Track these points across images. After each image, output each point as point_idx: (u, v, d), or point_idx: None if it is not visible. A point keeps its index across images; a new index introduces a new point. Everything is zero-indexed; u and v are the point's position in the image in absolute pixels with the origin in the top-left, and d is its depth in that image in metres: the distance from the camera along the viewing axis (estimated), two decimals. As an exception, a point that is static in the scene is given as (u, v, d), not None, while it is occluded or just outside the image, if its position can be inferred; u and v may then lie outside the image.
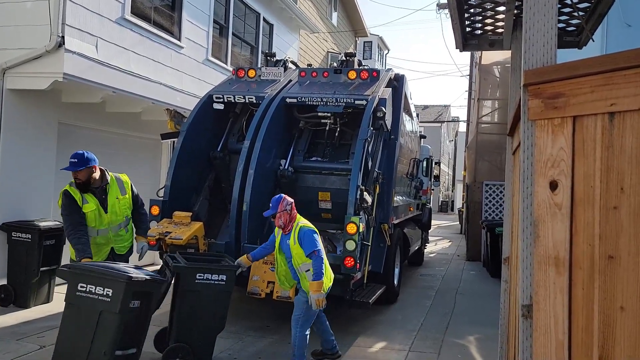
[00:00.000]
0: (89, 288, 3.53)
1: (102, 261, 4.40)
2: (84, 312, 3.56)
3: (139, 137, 8.73)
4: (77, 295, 3.56)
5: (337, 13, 18.84)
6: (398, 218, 7.53)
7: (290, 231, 4.50)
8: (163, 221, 5.75)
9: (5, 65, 6.12)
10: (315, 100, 6.35)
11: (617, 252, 1.60)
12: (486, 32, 3.90)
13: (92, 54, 6.53)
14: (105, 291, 3.50)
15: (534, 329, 1.81)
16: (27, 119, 6.52)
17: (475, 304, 7.66)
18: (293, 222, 4.53)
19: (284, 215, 4.49)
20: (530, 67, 1.85)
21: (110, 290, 3.50)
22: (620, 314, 1.58)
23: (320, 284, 4.31)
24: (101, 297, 3.51)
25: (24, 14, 6.20)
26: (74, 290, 3.58)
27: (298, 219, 4.60)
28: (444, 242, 17.06)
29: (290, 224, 4.51)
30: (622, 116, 1.56)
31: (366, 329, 6.04)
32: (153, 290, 3.96)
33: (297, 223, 4.52)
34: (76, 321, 3.59)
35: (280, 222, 4.51)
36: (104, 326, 3.51)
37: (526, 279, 1.86)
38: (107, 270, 3.71)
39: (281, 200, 4.53)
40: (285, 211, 4.50)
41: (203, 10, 9.19)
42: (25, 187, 6.53)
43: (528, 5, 1.85)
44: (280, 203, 4.51)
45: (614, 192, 1.60)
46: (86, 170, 4.43)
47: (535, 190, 1.81)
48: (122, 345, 3.62)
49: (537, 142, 1.81)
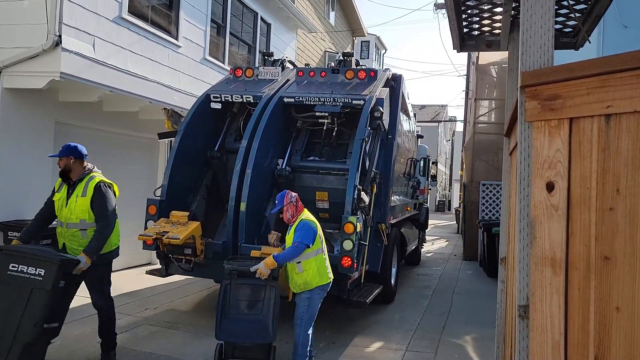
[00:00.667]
0: (21, 268, 3.91)
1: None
2: (14, 289, 3.90)
3: (136, 136, 8.72)
4: (8, 274, 3.91)
5: (334, 13, 18.85)
6: (395, 218, 7.55)
7: (294, 223, 4.52)
8: (160, 221, 5.74)
9: (1, 64, 6.10)
10: (312, 100, 6.35)
11: (613, 253, 1.61)
12: (483, 33, 3.91)
13: (89, 53, 6.51)
14: (37, 271, 3.88)
15: (530, 329, 1.82)
16: (24, 118, 6.51)
17: (472, 304, 7.69)
18: (298, 215, 4.55)
19: (290, 207, 4.53)
20: (527, 68, 1.85)
21: (42, 270, 3.87)
22: (615, 314, 1.60)
23: (273, 264, 4.29)
24: (33, 276, 3.88)
25: (21, 13, 6.19)
26: (6, 270, 3.92)
27: (304, 212, 4.61)
28: (441, 241, 17.11)
29: (296, 216, 4.54)
30: (618, 118, 1.57)
31: (363, 329, 6.06)
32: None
33: (301, 216, 4.54)
34: (7, 297, 3.91)
35: (288, 216, 4.54)
36: (34, 302, 3.85)
37: (523, 279, 1.87)
38: (39, 252, 4.06)
39: (286, 194, 4.57)
40: (292, 203, 4.54)
41: (200, 10, 9.18)
42: (22, 186, 6.52)
43: (525, 7, 1.85)
44: (285, 197, 4.55)
45: (610, 193, 1.61)
46: (64, 159, 4.46)
47: (532, 191, 1.82)
48: (48, 320, 3.94)
49: (534, 143, 1.82)
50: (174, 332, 5.56)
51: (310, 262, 4.40)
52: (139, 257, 8.82)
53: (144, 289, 7.35)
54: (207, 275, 6.44)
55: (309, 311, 4.42)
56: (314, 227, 4.46)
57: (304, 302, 4.43)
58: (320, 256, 4.48)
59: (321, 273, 4.45)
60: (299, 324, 4.41)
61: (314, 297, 4.44)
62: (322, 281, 4.45)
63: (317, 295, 4.46)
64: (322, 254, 4.52)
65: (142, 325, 5.72)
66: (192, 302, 6.98)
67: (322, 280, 4.45)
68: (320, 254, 4.50)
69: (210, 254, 5.69)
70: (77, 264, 4.12)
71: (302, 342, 4.40)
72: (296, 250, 4.32)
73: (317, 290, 4.44)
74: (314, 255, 4.42)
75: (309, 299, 4.42)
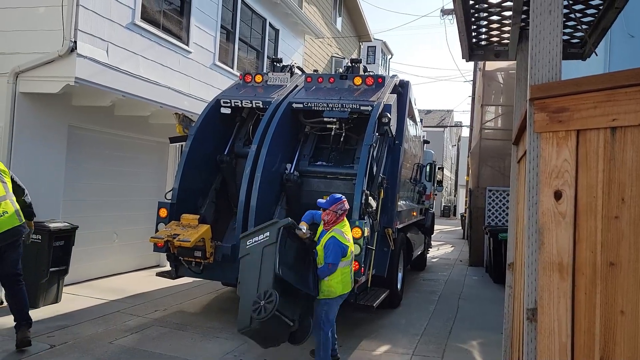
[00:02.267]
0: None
1: None
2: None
3: (146, 139, 8.85)
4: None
5: (341, 18, 18.98)
6: (402, 223, 7.61)
7: (327, 231, 4.69)
8: (171, 223, 5.84)
9: (18, 70, 6.22)
10: (321, 106, 6.44)
11: (618, 259, 1.69)
12: (492, 43, 3.99)
13: (103, 58, 6.64)
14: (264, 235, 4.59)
15: (538, 331, 1.89)
16: (38, 122, 6.63)
17: (478, 309, 7.73)
18: (334, 225, 4.70)
19: (331, 215, 4.70)
20: (536, 82, 1.93)
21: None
22: (620, 317, 1.67)
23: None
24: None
25: (37, 20, 6.32)
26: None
27: (341, 224, 4.74)
28: (446, 247, 17.12)
29: (332, 225, 4.70)
30: (623, 131, 1.65)
31: (370, 333, 6.11)
32: None
33: (334, 229, 4.66)
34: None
35: (325, 218, 4.74)
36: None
37: (531, 283, 1.94)
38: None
39: (337, 202, 4.73)
40: (335, 213, 4.70)
41: (211, 16, 9.31)
42: (36, 188, 6.61)
43: (534, 23, 1.93)
44: (334, 204, 4.72)
45: (615, 202, 1.69)
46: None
47: (540, 199, 1.90)
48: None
49: (542, 153, 1.90)
50: (183, 333, 5.65)
51: (337, 272, 4.58)
52: (149, 259, 8.93)
53: (153, 291, 7.44)
54: (216, 278, 6.53)
55: (327, 316, 4.61)
56: (342, 244, 4.58)
57: (322, 308, 4.61)
58: (346, 268, 4.67)
59: (345, 283, 4.64)
60: (318, 327, 4.60)
61: (332, 304, 4.64)
62: (344, 290, 4.65)
63: (335, 302, 4.67)
64: (348, 266, 4.69)
65: (153, 327, 5.81)
66: (200, 305, 7.06)
67: (344, 290, 4.65)
68: (347, 266, 4.67)
69: (219, 256, 5.78)
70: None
71: (324, 345, 4.58)
72: (330, 271, 4.52)
73: (337, 298, 4.64)
74: (340, 266, 4.60)
75: (328, 305, 4.60)
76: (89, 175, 7.63)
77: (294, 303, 4.36)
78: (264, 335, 4.32)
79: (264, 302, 4.07)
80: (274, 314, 4.01)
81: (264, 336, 4.33)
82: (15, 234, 4.83)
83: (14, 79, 6.26)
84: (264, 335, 4.32)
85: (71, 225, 6.59)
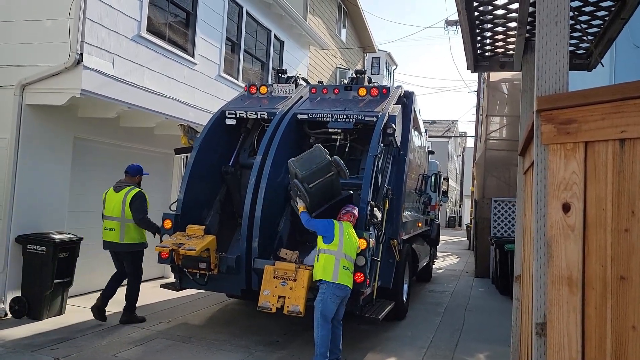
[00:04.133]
0: None
1: None
2: None
3: (152, 151, 8.87)
4: None
5: (346, 30, 19.09)
6: (407, 234, 7.56)
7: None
8: (176, 234, 5.82)
9: (24, 82, 6.27)
10: (326, 117, 6.44)
11: (629, 273, 1.65)
12: (497, 54, 3.98)
13: (109, 70, 6.68)
14: None
15: (548, 346, 1.86)
16: (44, 134, 6.67)
17: (484, 321, 7.64)
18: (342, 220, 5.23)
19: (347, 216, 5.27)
20: (543, 93, 1.92)
21: None
22: (632, 333, 1.63)
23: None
24: None
25: (44, 32, 6.38)
26: None
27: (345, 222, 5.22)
28: (452, 258, 17.00)
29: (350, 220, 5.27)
30: (632, 143, 1.63)
31: (375, 345, 6.05)
32: None
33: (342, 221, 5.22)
34: None
35: (342, 218, 5.25)
36: None
37: (540, 297, 1.91)
38: None
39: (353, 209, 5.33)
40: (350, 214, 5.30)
41: (216, 28, 9.38)
42: (41, 200, 6.66)
43: (541, 34, 1.92)
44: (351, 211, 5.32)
45: (625, 215, 1.66)
46: None
47: (549, 211, 1.87)
48: None
49: (550, 165, 1.88)
50: (187, 345, 5.61)
51: (321, 256, 4.98)
52: (153, 270, 8.90)
53: (157, 303, 7.41)
54: (220, 289, 6.49)
55: (321, 310, 4.84)
56: (333, 228, 5.01)
57: (318, 299, 4.88)
58: (330, 257, 4.93)
59: (325, 270, 4.91)
60: (316, 326, 4.85)
61: (326, 297, 4.84)
62: (324, 276, 4.90)
63: (330, 297, 4.85)
64: (332, 256, 4.93)
65: (157, 339, 5.77)
66: (204, 316, 7.02)
67: (324, 276, 4.90)
68: (331, 256, 4.94)
69: (223, 268, 5.75)
70: None
71: (320, 342, 4.80)
72: (308, 222, 5.23)
73: (328, 289, 4.86)
74: (324, 252, 4.96)
75: (323, 294, 4.87)
76: (94, 186, 7.64)
77: None
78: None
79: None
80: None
81: None
82: None
83: (20, 91, 6.30)
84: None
85: (76, 237, 6.59)
